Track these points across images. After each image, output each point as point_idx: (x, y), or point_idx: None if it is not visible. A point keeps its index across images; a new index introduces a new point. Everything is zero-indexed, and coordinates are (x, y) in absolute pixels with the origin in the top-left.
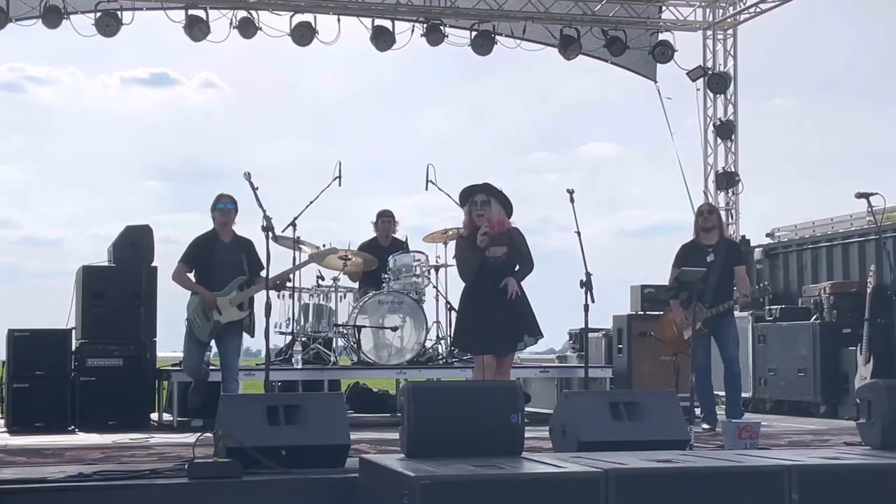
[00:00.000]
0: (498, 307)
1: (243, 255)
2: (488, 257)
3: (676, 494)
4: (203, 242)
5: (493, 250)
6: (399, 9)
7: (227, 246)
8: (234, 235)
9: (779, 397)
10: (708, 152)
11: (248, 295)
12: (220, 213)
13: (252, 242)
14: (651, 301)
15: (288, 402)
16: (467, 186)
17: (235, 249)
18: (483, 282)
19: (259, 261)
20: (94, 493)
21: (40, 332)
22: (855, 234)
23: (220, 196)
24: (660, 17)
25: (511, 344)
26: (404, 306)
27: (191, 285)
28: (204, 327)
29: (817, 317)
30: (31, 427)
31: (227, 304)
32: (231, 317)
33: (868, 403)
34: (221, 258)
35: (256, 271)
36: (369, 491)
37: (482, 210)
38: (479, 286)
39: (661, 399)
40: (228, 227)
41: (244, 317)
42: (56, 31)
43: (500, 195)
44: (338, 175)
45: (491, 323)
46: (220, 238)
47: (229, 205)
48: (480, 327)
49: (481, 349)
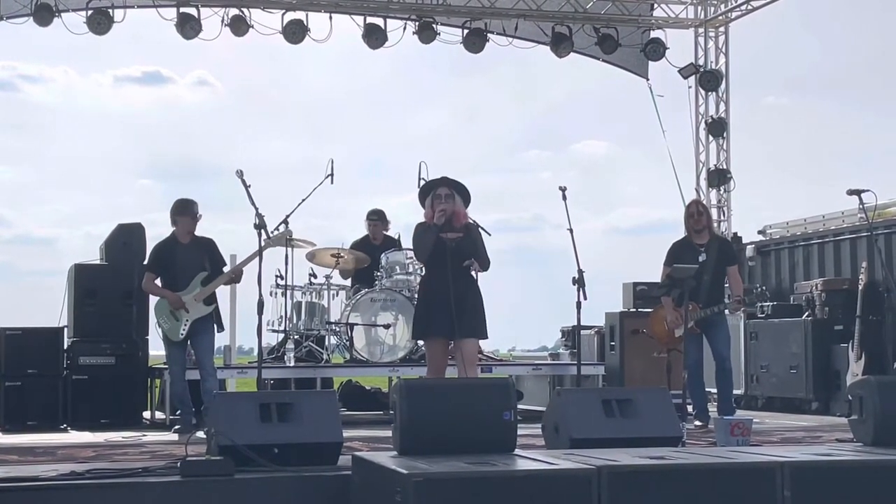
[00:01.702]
0: (446, 290)
1: (205, 255)
2: (444, 237)
3: (669, 491)
4: (163, 248)
5: (450, 234)
6: (391, 7)
7: (186, 248)
8: (193, 237)
9: (771, 394)
10: (700, 150)
11: (212, 289)
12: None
13: (213, 240)
14: (643, 298)
15: (280, 399)
16: (426, 182)
17: (196, 249)
18: (440, 262)
19: (221, 257)
20: (86, 492)
21: (32, 330)
22: (846, 232)
23: (193, 203)
24: (651, 14)
25: (467, 328)
26: (397, 304)
27: (157, 290)
28: (174, 327)
29: (809, 314)
30: (24, 425)
31: (193, 301)
32: (199, 312)
33: (860, 400)
34: (183, 260)
35: (219, 268)
36: (362, 488)
37: (445, 203)
38: (436, 268)
39: (653, 396)
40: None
41: (211, 311)
42: (49, 29)
43: (460, 187)
44: (330, 173)
45: (445, 304)
46: (179, 241)
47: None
48: (433, 310)
49: (424, 332)
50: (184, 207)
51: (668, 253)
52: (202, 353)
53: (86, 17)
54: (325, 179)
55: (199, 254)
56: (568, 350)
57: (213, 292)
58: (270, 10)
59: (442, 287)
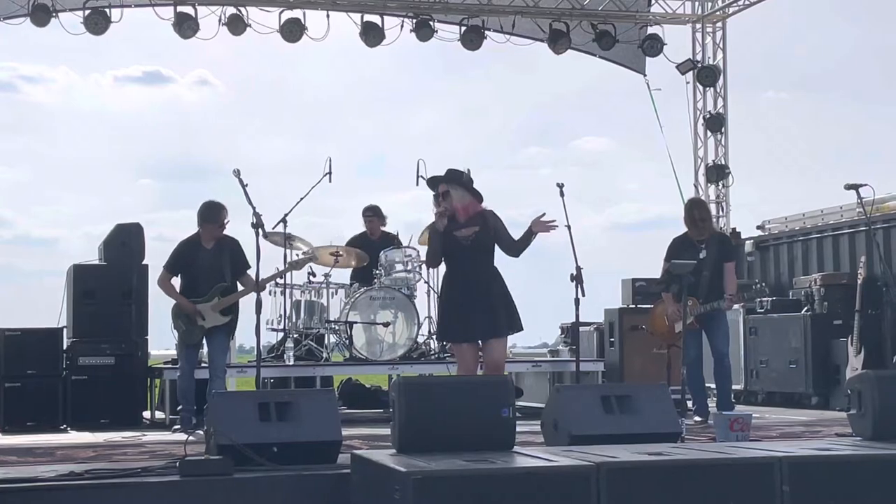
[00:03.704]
0: (470, 290)
1: (227, 258)
2: (457, 237)
3: (668, 487)
4: (185, 249)
5: (463, 231)
6: (388, 4)
7: (209, 252)
8: (217, 239)
9: (770, 389)
10: (698, 145)
11: (232, 300)
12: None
13: (237, 242)
14: (642, 294)
15: (280, 398)
16: (428, 178)
17: (218, 253)
18: (458, 263)
19: (245, 260)
20: (85, 492)
21: (32, 331)
22: (845, 226)
23: (221, 209)
24: (649, 10)
25: (489, 328)
26: (396, 302)
27: (172, 293)
28: (189, 331)
29: (808, 309)
30: (23, 426)
31: (210, 311)
32: (214, 322)
33: (859, 394)
34: (203, 264)
35: (242, 271)
36: (361, 487)
37: (444, 203)
38: (454, 269)
39: (652, 392)
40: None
41: (227, 321)
42: (48, 29)
43: (454, 177)
44: (328, 171)
45: (470, 307)
46: (202, 244)
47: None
48: (455, 313)
49: (455, 336)
50: (210, 214)
51: (668, 249)
52: (216, 353)
53: (83, 16)
54: (324, 178)
55: (221, 259)
56: (567, 347)
57: (234, 302)
58: (267, 9)
59: (465, 289)
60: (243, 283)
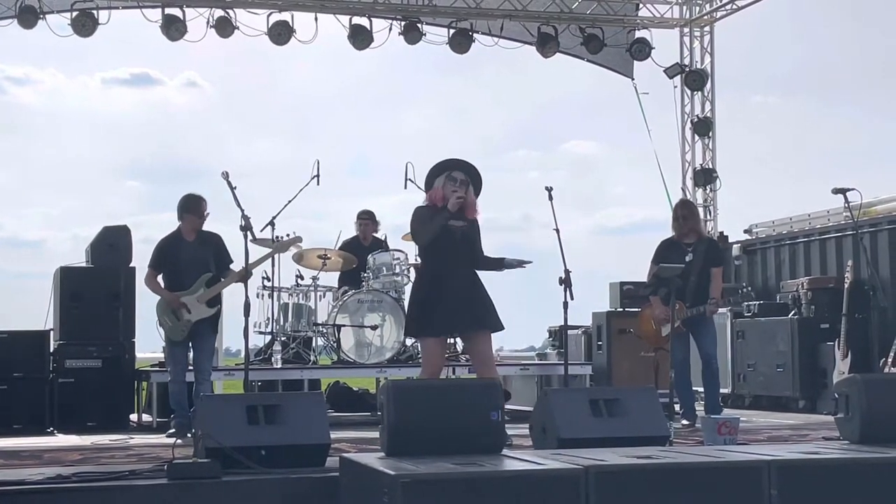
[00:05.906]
0: (455, 282)
1: (210, 252)
2: (451, 225)
3: (657, 490)
4: (166, 245)
5: (456, 222)
6: (376, 7)
7: (191, 245)
8: (199, 233)
9: (757, 393)
10: (686, 149)
11: (217, 291)
12: (200, 220)
13: (219, 237)
14: (630, 298)
15: (267, 401)
16: (447, 159)
17: (201, 247)
18: (444, 251)
19: (227, 254)
20: (72, 495)
21: (18, 333)
22: (832, 230)
23: (201, 200)
24: (637, 14)
25: (476, 320)
26: (384, 305)
27: (157, 289)
28: (176, 327)
29: (795, 312)
30: (10, 429)
31: (195, 302)
32: (201, 314)
33: (846, 398)
34: (186, 257)
35: (226, 265)
36: (349, 490)
37: (462, 191)
38: (438, 258)
39: (640, 395)
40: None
41: (214, 312)
42: (35, 31)
43: (476, 176)
44: (316, 174)
45: (452, 298)
46: (183, 238)
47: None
48: (436, 304)
49: (434, 329)
50: (190, 204)
51: (655, 252)
52: (201, 356)
53: (70, 18)
54: (312, 180)
55: (204, 252)
56: (555, 350)
57: (218, 294)
58: (255, 11)
59: (448, 278)
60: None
